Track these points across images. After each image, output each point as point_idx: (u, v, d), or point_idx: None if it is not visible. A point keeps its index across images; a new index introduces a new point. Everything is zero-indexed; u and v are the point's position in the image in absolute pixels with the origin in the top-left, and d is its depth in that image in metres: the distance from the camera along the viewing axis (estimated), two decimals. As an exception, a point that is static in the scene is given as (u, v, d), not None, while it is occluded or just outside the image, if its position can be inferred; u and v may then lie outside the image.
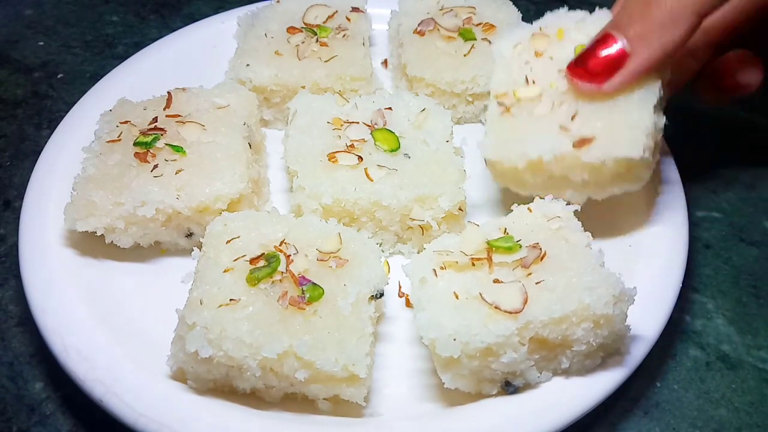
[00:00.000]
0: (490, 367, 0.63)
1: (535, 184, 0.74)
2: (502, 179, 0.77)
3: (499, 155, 0.73)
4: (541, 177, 0.73)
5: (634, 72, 0.69)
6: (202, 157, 0.79)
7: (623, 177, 0.71)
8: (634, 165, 0.70)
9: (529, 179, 0.74)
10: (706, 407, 0.71)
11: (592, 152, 0.69)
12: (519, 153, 0.72)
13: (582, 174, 0.71)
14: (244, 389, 0.66)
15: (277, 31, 0.97)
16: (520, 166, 0.73)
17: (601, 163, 0.70)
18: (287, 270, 0.68)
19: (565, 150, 0.70)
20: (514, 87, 0.76)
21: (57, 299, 0.71)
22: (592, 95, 0.72)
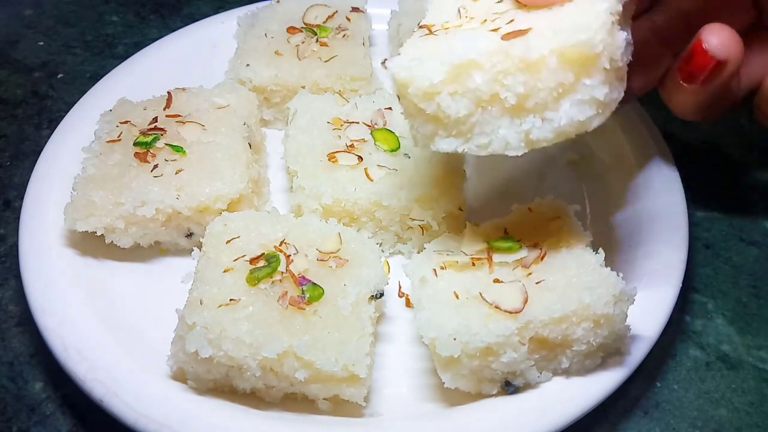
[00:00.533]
0: (490, 366, 0.63)
1: (457, 116, 0.58)
2: (414, 114, 0.60)
3: (411, 71, 0.58)
4: (465, 99, 0.57)
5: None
6: (202, 157, 0.79)
7: (572, 89, 0.55)
8: (586, 65, 0.54)
9: (448, 105, 0.58)
10: (706, 407, 0.71)
11: (527, 43, 0.55)
12: (436, 63, 0.57)
13: (516, 85, 0.56)
14: (244, 389, 0.66)
15: (277, 31, 0.97)
16: (437, 80, 0.57)
17: (539, 59, 0.54)
18: (287, 270, 0.68)
19: (492, 46, 0.55)
20: (444, 20, 0.64)
21: (57, 299, 0.71)
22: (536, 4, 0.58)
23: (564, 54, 0.54)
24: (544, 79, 0.55)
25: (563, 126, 0.56)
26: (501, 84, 0.56)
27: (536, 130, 0.57)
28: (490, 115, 0.57)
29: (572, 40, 0.53)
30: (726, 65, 0.65)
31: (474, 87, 0.56)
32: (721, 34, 0.65)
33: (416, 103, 0.58)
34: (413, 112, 0.60)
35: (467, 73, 0.56)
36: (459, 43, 0.57)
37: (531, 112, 0.57)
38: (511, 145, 0.58)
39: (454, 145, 0.60)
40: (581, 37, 0.53)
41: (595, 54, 0.53)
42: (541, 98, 0.56)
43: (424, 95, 0.58)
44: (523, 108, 0.57)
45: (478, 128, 0.58)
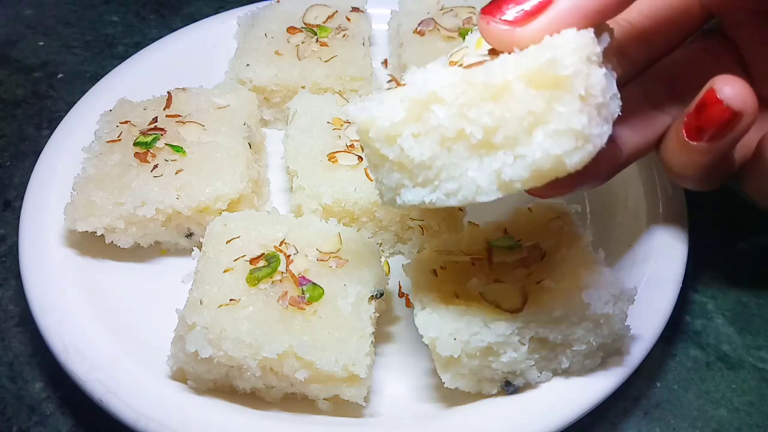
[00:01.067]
0: (490, 366, 0.63)
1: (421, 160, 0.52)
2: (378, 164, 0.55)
3: (371, 113, 0.53)
4: (429, 139, 0.52)
5: (561, 13, 0.52)
6: (202, 157, 0.79)
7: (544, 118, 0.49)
8: (556, 89, 0.48)
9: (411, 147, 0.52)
10: (706, 407, 0.71)
11: (490, 68, 0.50)
12: (395, 101, 0.52)
13: (481, 117, 0.50)
14: (244, 389, 0.66)
15: (277, 31, 0.97)
16: (397, 118, 0.52)
17: (504, 84, 0.49)
18: (287, 270, 0.68)
19: (454, 77, 0.50)
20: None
21: (57, 299, 0.71)
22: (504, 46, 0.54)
23: (531, 78, 0.48)
24: (512, 108, 0.49)
25: (538, 161, 0.49)
26: (465, 118, 0.50)
27: (508, 168, 0.50)
28: (456, 155, 0.52)
29: (538, 61, 0.48)
30: (741, 118, 0.59)
31: (437, 124, 0.51)
32: (735, 85, 0.59)
33: (379, 149, 0.53)
34: (376, 161, 0.55)
35: (429, 109, 0.51)
36: (419, 78, 0.52)
37: (500, 148, 0.50)
38: (482, 189, 0.52)
39: (421, 195, 0.54)
40: (547, 56, 0.48)
41: (564, 76, 0.48)
42: (510, 130, 0.49)
43: (385, 138, 0.52)
44: (492, 144, 0.50)
45: (445, 173, 0.52)
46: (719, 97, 0.59)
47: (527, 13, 0.53)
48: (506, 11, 0.54)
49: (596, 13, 0.53)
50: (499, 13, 0.54)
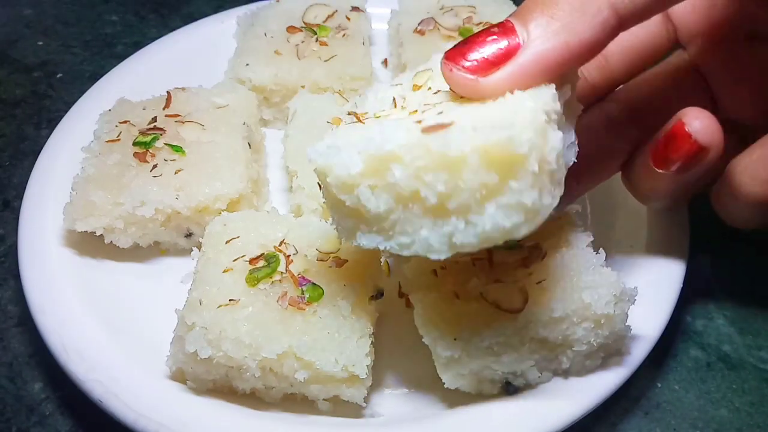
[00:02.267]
0: (491, 367, 0.63)
1: (377, 212, 0.53)
2: (334, 206, 0.55)
3: (328, 159, 0.53)
4: (385, 194, 0.52)
5: (524, 66, 0.52)
6: (201, 157, 0.79)
7: (497, 192, 0.49)
8: (511, 166, 0.48)
9: (368, 199, 0.52)
10: (707, 407, 0.71)
11: (448, 136, 0.49)
12: (353, 153, 0.52)
13: (436, 183, 0.50)
14: (243, 390, 0.66)
15: (276, 31, 0.97)
16: (354, 171, 0.52)
17: (460, 156, 0.48)
18: (287, 270, 0.68)
19: (412, 139, 0.50)
20: (378, 109, 0.60)
21: (56, 299, 0.71)
22: (469, 94, 0.54)
23: (486, 152, 0.48)
24: (466, 179, 0.49)
25: (488, 231, 0.50)
26: (421, 181, 0.50)
27: (459, 233, 0.51)
28: (411, 213, 0.52)
29: (494, 138, 0.47)
30: (707, 153, 0.60)
31: (393, 182, 0.51)
32: (704, 119, 0.60)
33: (335, 194, 0.53)
34: (333, 204, 0.55)
35: (386, 167, 0.51)
36: (378, 132, 0.51)
37: (453, 214, 0.51)
38: (433, 248, 0.52)
39: (376, 241, 0.54)
40: (503, 135, 0.47)
41: (519, 154, 0.47)
42: (463, 199, 0.49)
43: (342, 186, 0.53)
44: (445, 209, 0.50)
45: (400, 227, 0.53)
46: (688, 131, 0.60)
47: (490, 63, 0.53)
48: (469, 58, 0.53)
49: (559, 65, 0.53)
50: (462, 60, 0.53)
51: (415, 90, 0.60)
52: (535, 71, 0.52)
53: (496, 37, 0.53)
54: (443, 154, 0.49)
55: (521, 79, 0.52)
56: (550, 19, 0.52)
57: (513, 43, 0.52)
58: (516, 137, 0.47)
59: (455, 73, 0.53)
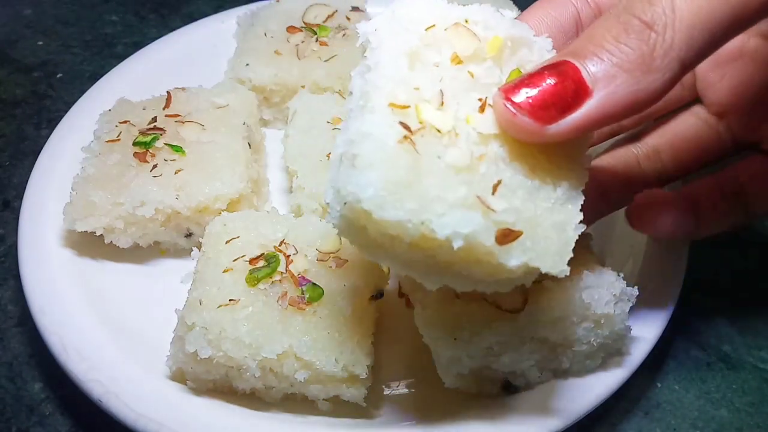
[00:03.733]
0: (491, 367, 0.63)
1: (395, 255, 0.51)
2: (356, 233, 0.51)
3: (383, 210, 0.46)
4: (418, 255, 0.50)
5: (592, 116, 0.49)
6: (201, 157, 0.79)
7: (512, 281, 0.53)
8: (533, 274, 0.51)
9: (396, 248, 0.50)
10: (706, 408, 0.71)
11: (515, 255, 0.49)
12: (416, 218, 0.47)
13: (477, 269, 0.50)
14: (243, 390, 0.66)
15: (276, 31, 0.97)
16: (409, 239, 0.48)
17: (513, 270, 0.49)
18: (287, 270, 0.68)
19: (485, 240, 0.48)
20: (417, 99, 0.50)
21: (56, 299, 0.71)
22: (527, 140, 0.51)
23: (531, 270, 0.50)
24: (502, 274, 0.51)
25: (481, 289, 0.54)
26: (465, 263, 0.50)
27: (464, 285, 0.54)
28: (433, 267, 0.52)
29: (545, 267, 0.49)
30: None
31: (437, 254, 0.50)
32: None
33: (368, 228, 0.49)
34: (354, 232, 0.51)
35: (439, 244, 0.48)
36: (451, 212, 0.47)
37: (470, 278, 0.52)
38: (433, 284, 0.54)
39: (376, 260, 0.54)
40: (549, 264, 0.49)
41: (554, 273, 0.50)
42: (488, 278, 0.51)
43: (384, 236, 0.49)
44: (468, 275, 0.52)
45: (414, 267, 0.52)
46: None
47: (558, 109, 0.49)
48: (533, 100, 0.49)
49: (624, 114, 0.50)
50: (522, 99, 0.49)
51: (453, 62, 0.52)
52: (601, 122, 0.50)
53: (562, 79, 0.49)
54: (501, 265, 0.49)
55: (586, 130, 0.50)
56: (620, 71, 0.48)
57: (582, 89, 0.49)
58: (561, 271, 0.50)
59: (519, 119, 0.49)
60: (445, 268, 0.51)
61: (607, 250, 0.66)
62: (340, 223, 0.51)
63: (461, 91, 0.52)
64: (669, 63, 0.48)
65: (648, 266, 0.73)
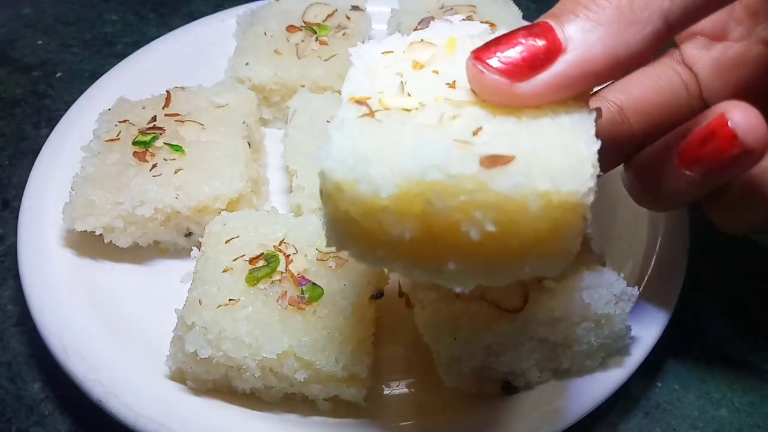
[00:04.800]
0: (491, 366, 0.63)
1: (396, 244, 0.44)
2: (339, 219, 0.45)
3: (353, 173, 0.43)
4: (413, 224, 0.43)
5: (565, 73, 0.46)
6: (201, 157, 0.79)
7: (544, 241, 0.44)
8: (566, 216, 0.43)
9: (392, 225, 0.43)
10: (706, 408, 0.71)
11: (512, 176, 0.42)
12: (386, 169, 0.43)
13: (485, 222, 0.42)
14: (243, 390, 0.66)
15: (276, 30, 0.97)
16: (386, 194, 0.42)
17: (521, 199, 0.42)
18: (287, 270, 0.68)
19: (468, 168, 0.42)
20: (380, 92, 0.50)
21: (56, 299, 0.71)
22: (500, 102, 0.47)
23: (550, 202, 0.42)
24: (519, 223, 0.43)
25: (524, 275, 0.46)
26: (467, 216, 0.42)
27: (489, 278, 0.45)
28: (440, 244, 0.44)
29: (563, 190, 0.42)
30: (752, 156, 0.50)
31: (431, 211, 0.43)
32: (750, 115, 0.50)
33: (347, 211, 0.44)
34: (338, 216, 0.45)
35: (426, 196, 0.42)
36: (420, 150, 0.43)
37: (491, 252, 0.44)
38: (458, 282, 0.46)
39: (381, 264, 0.47)
40: (572, 188, 0.42)
41: (583, 205, 0.43)
42: (509, 245, 0.43)
43: (363, 208, 0.43)
44: (485, 248, 0.43)
45: (422, 257, 0.45)
46: (731, 128, 0.50)
47: (528, 66, 0.46)
48: (503, 59, 0.46)
49: (603, 76, 0.47)
50: (495, 60, 0.46)
51: (415, 68, 0.51)
52: (577, 80, 0.46)
53: (534, 37, 0.46)
54: (503, 196, 0.42)
55: (561, 90, 0.46)
56: (596, 25, 0.46)
57: (554, 46, 0.46)
58: (585, 194, 0.43)
59: (487, 76, 0.46)
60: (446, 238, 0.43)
61: (607, 250, 0.66)
62: (328, 225, 0.47)
63: (427, 84, 0.50)
64: (650, 15, 0.46)
65: (648, 266, 0.73)
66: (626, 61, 0.47)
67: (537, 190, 0.42)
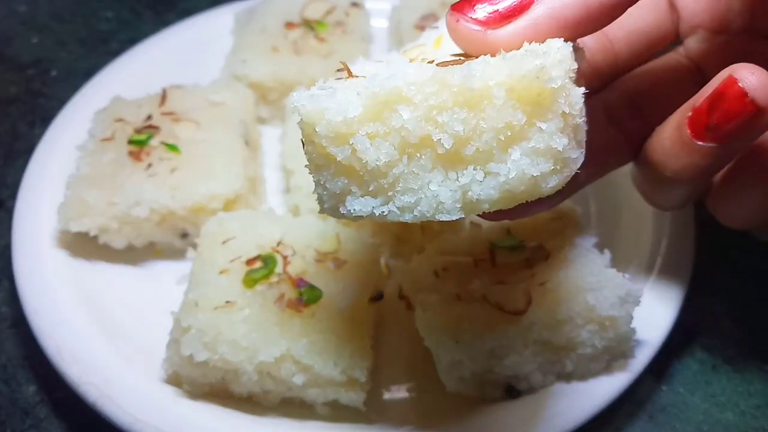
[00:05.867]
0: (493, 370, 0.62)
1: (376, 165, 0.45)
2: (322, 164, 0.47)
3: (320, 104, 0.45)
4: (387, 142, 0.44)
5: (538, 21, 0.47)
6: (197, 156, 0.78)
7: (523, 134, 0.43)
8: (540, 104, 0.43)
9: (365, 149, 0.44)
10: (712, 411, 0.70)
11: (469, 68, 0.43)
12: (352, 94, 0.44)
13: (453, 123, 0.43)
14: (240, 394, 0.65)
15: (274, 27, 0.96)
16: (353, 114, 0.44)
17: (483, 90, 0.42)
18: (284, 271, 0.67)
19: (425, 75, 0.43)
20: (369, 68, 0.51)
21: (50, 301, 0.70)
22: (473, 52, 0.49)
23: (514, 87, 0.42)
24: (489, 118, 0.43)
25: (512, 181, 0.44)
26: (434, 123, 0.43)
27: (476, 185, 0.44)
28: (418, 165, 0.44)
29: (524, 69, 0.42)
30: (764, 116, 0.49)
31: (399, 126, 0.43)
32: (760, 73, 0.49)
33: (325, 146, 0.45)
34: (320, 162, 0.46)
35: (391, 109, 0.43)
36: (383, 71, 0.45)
37: (470, 162, 0.44)
38: (444, 206, 0.45)
39: (371, 205, 0.46)
40: (535, 64, 0.42)
41: (551, 89, 0.42)
42: (483, 143, 0.43)
43: (335, 136, 0.44)
44: (461, 156, 0.44)
45: (403, 183, 0.45)
46: (742, 87, 0.49)
47: (501, 15, 0.48)
48: (478, 9, 0.48)
49: (575, 24, 0.48)
50: (471, 11, 0.48)
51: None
52: (550, 28, 0.47)
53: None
54: (464, 88, 0.42)
55: (533, 36, 0.47)
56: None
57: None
58: (548, 69, 0.42)
59: (461, 24, 0.48)
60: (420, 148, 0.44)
61: (612, 250, 0.65)
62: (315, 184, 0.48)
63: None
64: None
65: (653, 267, 0.72)
66: (598, 11, 0.48)
67: (498, 80, 0.42)
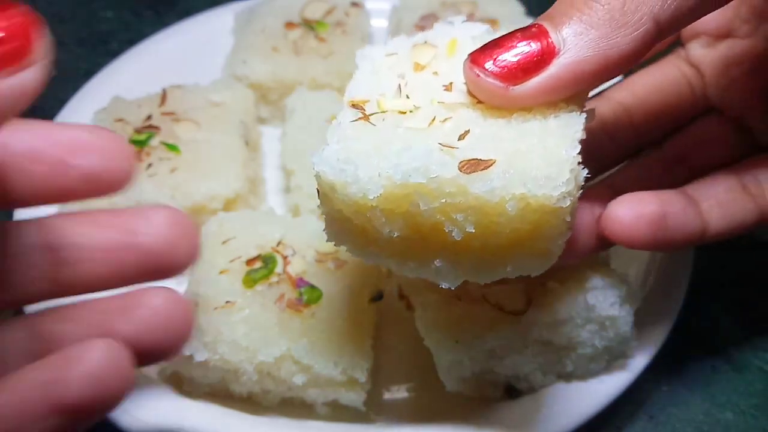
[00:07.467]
0: (493, 370, 0.62)
1: (387, 241, 0.48)
2: (335, 217, 0.50)
3: (344, 175, 0.46)
4: (401, 220, 0.47)
5: (559, 77, 0.48)
6: (197, 156, 0.78)
7: (525, 241, 0.47)
8: (545, 219, 0.46)
9: (381, 224, 0.47)
10: (712, 411, 0.70)
11: (489, 180, 0.45)
12: (373, 172, 0.46)
13: (465, 224, 0.46)
14: (240, 394, 0.65)
15: (274, 27, 0.96)
16: (373, 195, 0.45)
17: (498, 202, 0.45)
18: (284, 271, 0.67)
19: (448, 172, 0.45)
20: (379, 94, 0.52)
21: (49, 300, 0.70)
22: (496, 104, 0.50)
23: (528, 205, 0.45)
24: (499, 224, 0.46)
25: (506, 275, 0.49)
26: (449, 217, 0.46)
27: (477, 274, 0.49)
28: (426, 243, 0.48)
29: (539, 193, 0.44)
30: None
31: (416, 212, 0.46)
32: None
33: (341, 209, 0.48)
34: (333, 215, 0.49)
35: (411, 198, 0.46)
36: (405, 154, 0.46)
37: (474, 251, 0.48)
38: (445, 278, 0.49)
39: (376, 258, 0.50)
40: (547, 192, 0.44)
41: (560, 209, 0.45)
42: (488, 244, 0.47)
43: (352, 205, 0.47)
44: (468, 247, 0.47)
45: (410, 253, 0.49)
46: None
47: (522, 69, 0.48)
48: (498, 62, 0.48)
49: (594, 78, 0.49)
50: (491, 64, 0.48)
51: (416, 70, 0.54)
52: (569, 83, 0.48)
53: (529, 41, 0.48)
54: (482, 199, 0.45)
55: (554, 92, 0.49)
56: (588, 28, 0.47)
57: (548, 50, 0.48)
58: (560, 197, 0.45)
59: (483, 80, 0.48)
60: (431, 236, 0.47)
61: (611, 251, 0.65)
62: (326, 222, 0.51)
63: (425, 85, 0.53)
64: (640, 18, 0.47)
65: (653, 268, 0.72)
66: (617, 63, 0.48)
67: (513, 194, 0.44)
